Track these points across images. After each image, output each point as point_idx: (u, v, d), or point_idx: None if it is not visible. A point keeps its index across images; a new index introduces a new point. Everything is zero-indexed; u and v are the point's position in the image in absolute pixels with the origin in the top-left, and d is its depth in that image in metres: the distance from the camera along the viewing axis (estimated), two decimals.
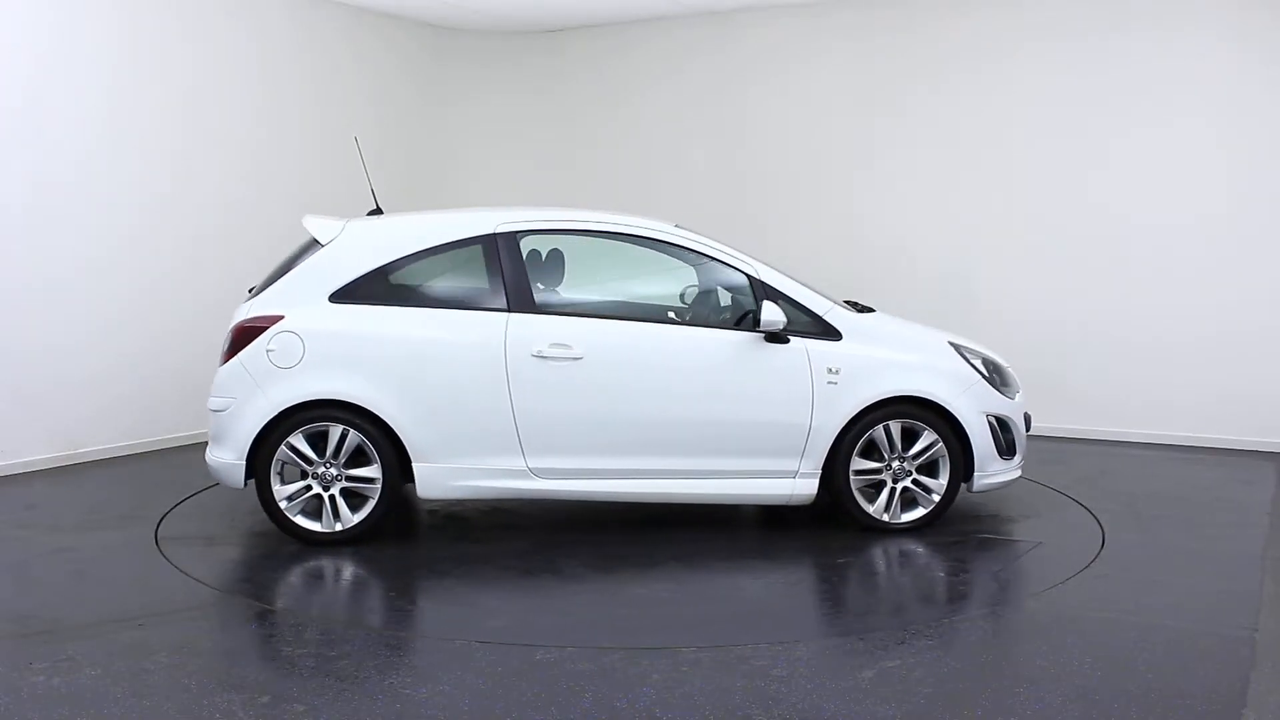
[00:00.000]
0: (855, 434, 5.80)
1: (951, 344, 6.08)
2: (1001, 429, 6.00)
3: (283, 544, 5.84)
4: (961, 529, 5.95)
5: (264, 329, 5.71)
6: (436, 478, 5.70)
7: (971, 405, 5.90)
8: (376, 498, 5.68)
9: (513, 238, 5.85)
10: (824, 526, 5.97)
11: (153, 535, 5.82)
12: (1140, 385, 8.14)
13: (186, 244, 8.08)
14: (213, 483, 6.73)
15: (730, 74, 9.50)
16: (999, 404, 6.01)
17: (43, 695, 3.86)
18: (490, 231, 5.85)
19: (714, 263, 5.96)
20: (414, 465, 5.68)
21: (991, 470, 5.99)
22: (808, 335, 5.82)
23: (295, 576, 5.35)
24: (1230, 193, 7.80)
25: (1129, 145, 8.07)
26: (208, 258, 8.23)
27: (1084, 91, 8.17)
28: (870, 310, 6.28)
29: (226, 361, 5.76)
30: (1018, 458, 6.10)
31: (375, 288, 5.80)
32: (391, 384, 5.64)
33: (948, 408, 5.85)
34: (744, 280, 5.89)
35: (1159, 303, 8.04)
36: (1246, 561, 5.36)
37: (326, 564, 5.58)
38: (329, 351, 5.68)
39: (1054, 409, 8.40)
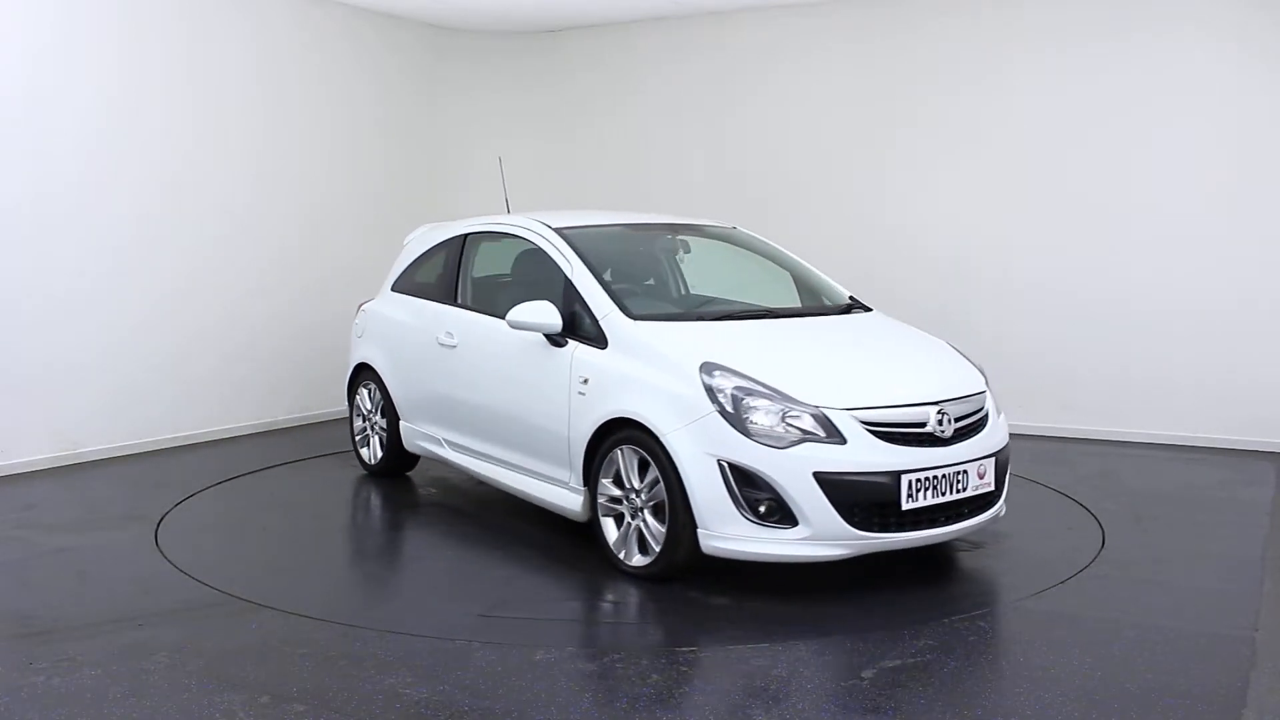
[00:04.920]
0: (603, 454, 5.18)
1: (707, 364, 4.91)
2: (743, 481, 4.69)
3: (283, 544, 5.86)
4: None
5: (361, 308, 7.37)
6: (409, 435, 6.80)
7: (694, 441, 4.75)
8: (386, 442, 6.97)
9: (463, 239, 6.70)
10: None
11: (153, 535, 5.82)
12: (1141, 385, 8.13)
13: (187, 245, 8.07)
14: (212, 482, 6.94)
15: (731, 73, 9.50)
16: (741, 449, 4.67)
17: (43, 695, 3.86)
18: (456, 235, 6.76)
19: (550, 260, 5.80)
20: (400, 422, 6.83)
21: (728, 532, 4.71)
22: (586, 340, 5.39)
23: (295, 576, 5.35)
24: (1232, 195, 7.79)
25: (1129, 146, 8.06)
26: (209, 258, 8.23)
27: (1084, 91, 8.16)
28: (868, 310, 6.10)
29: None
30: (801, 529, 4.65)
31: (407, 280, 7.06)
32: (390, 356, 6.91)
33: (661, 438, 4.85)
34: (564, 278, 5.65)
35: (1160, 303, 8.03)
36: (1246, 561, 5.35)
37: (327, 564, 5.58)
38: (373, 328, 7.13)
39: (1055, 408, 8.41)
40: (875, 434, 4.75)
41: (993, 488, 5.09)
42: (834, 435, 4.70)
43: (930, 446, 4.84)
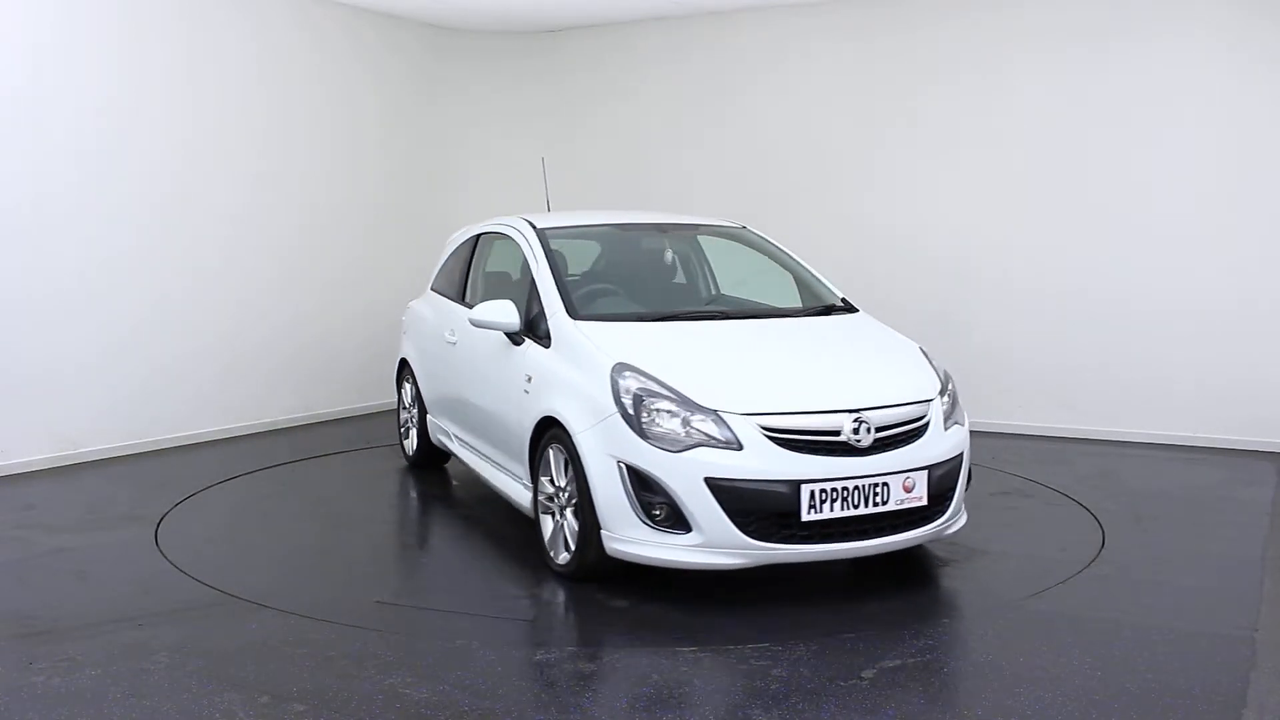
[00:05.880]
0: (540, 452, 5.18)
1: (619, 365, 4.84)
2: (640, 484, 4.61)
3: (283, 545, 5.86)
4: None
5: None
6: (433, 429, 6.97)
7: (598, 442, 4.71)
8: (418, 435, 7.22)
9: (475, 239, 6.85)
10: None
11: (153, 535, 5.82)
12: (1141, 385, 8.14)
13: (187, 245, 8.08)
14: (212, 482, 6.94)
15: (730, 72, 9.50)
16: (638, 451, 4.59)
17: (43, 695, 3.86)
18: (472, 235, 6.90)
19: (526, 260, 5.89)
20: (427, 415, 7.04)
21: (627, 535, 4.65)
22: (538, 339, 5.41)
23: (295, 576, 5.35)
24: (1231, 194, 7.78)
25: (1129, 146, 8.06)
26: (209, 258, 8.23)
27: (1084, 91, 8.16)
28: (852, 311, 5.93)
29: None
30: (694, 536, 4.54)
31: (440, 279, 7.21)
32: (419, 352, 7.15)
33: (573, 437, 4.83)
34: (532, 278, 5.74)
35: (1160, 303, 8.03)
36: (1246, 561, 5.35)
37: (327, 564, 5.58)
38: (410, 325, 7.39)
39: (1055, 408, 8.41)
40: (777, 441, 4.56)
41: (924, 502, 4.78)
42: (731, 441, 4.55)
43: (843, 456, 4.61)
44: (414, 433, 7.29)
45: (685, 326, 5.43)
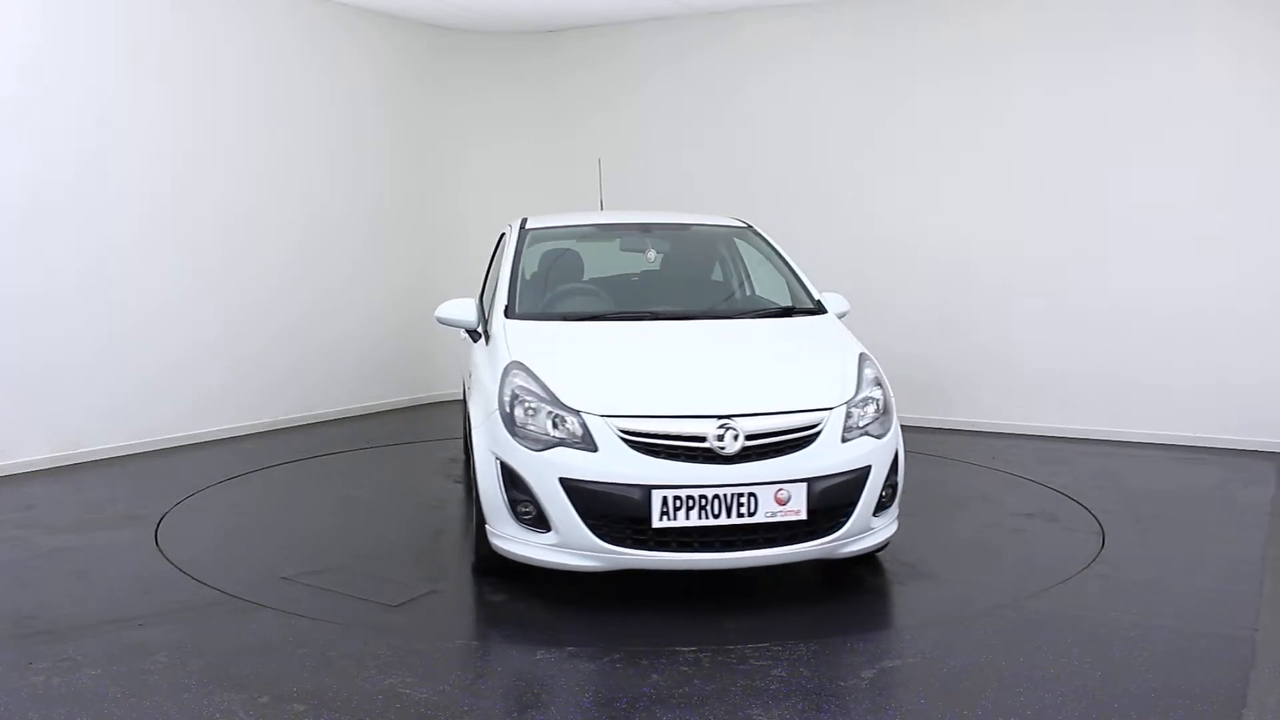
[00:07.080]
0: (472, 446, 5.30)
1: (511, 363, 4.88)
2: (510, 482, 4.64)
3: (282, 545, 5.86)
4: (959, 525, 5.95)
5: None
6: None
7: (483, 438, 4.83)
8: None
9: (501, 238, 6.68)
10: None
11: (153, 535, 5.82)
12: (1141, 385, 8.14)
13: (189, 245, 8.08)
14: (212, 482, 6.93)
15: (730, 72, 9.50)
16: (508, 449, 4.62)
17: (43, 695, 3.86)
18: (500, 233, 6.80)
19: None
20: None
21: (502, 531, 4.72)
22: (486, 337, 5.47)
23: (296, 577, 5.34)
24: (1231, 196, 7.79)
25: (1130, 147, 8.06)
26: (210, 258, 8.23)
27: (1083, 90, 8.17)
28: (821, 312, 5.67)
29: None
30: (551, 535, 4.55)
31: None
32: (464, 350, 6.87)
33: (470, 433, 4.99)
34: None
35: (1159, 304, 8.03)
36: (1246, 561, 5.35)
37: (327, 564, 5.58)
38: None
39: (1055, 408, 8.41)
40: (633, 444, 4.46)
41: (803, 516, 4.50)
42: (588, 442, 4.50)
43: (706, 463, 4.44)
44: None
45: (612, 327, 5.33)
